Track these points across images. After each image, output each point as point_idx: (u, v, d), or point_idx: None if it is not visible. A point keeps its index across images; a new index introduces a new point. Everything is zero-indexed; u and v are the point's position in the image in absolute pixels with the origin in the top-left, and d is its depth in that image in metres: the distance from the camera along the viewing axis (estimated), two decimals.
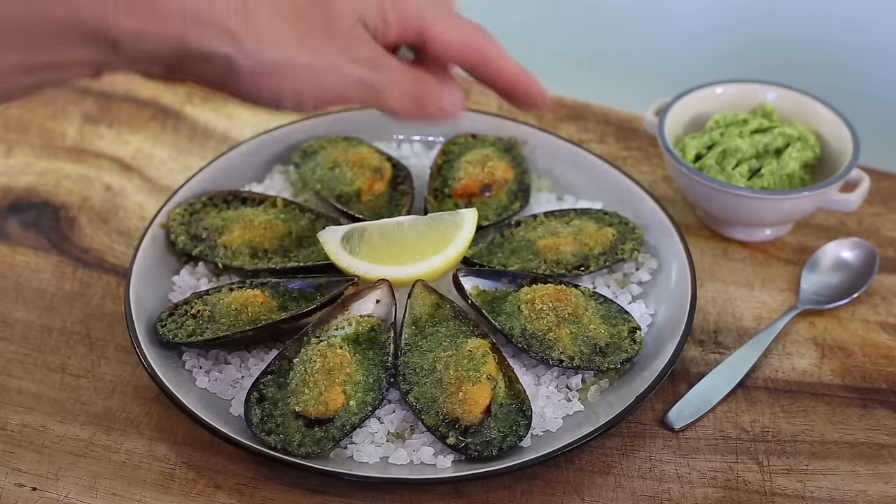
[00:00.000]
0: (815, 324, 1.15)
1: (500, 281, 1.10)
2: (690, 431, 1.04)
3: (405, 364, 1.02)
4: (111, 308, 1.14)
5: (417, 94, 0.87)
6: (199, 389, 1.03)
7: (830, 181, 1.17)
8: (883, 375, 1.10)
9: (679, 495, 0.99)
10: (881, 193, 1.29)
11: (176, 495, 0.97)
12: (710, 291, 1.18)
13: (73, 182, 1.29)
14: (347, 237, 1.10)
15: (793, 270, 1.20)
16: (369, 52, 0.84)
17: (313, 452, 0.96)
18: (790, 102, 1.27)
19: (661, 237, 1.16)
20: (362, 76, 0.83)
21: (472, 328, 1.04)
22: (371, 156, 1.21)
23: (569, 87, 1.45)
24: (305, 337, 1.03)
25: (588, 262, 1.12)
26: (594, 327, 1.05)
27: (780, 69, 1.46)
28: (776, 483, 1.00)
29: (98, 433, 1.02)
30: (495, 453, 0.96)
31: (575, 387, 1.04)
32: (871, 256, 1.19)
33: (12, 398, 1.05)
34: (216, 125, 1.37)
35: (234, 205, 1.18)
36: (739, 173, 1.19)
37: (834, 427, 1.05)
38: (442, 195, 1.20)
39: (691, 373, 1.09)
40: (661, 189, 1.29)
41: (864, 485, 1.00)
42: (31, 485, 0.98)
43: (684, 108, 1.26)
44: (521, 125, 1.27)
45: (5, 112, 1.38)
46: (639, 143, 1.35)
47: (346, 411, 0.98)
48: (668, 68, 1.60)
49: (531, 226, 1.16)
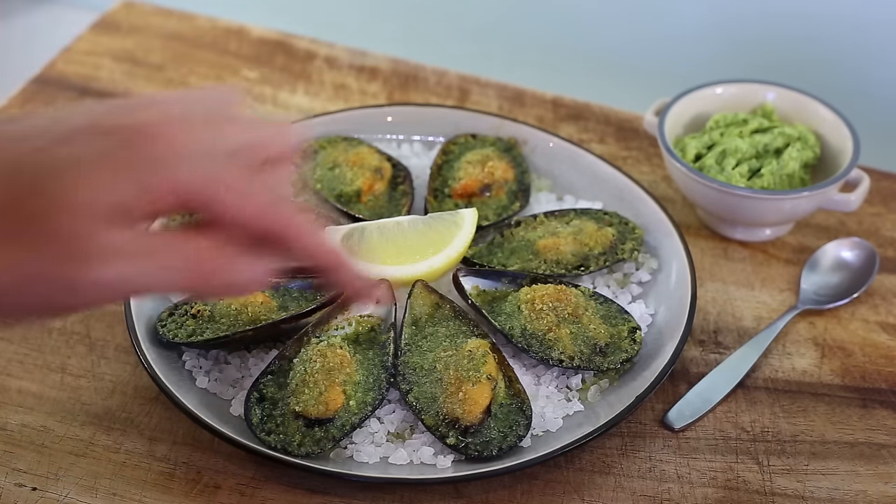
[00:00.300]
0: (815, 324, 1.15)
1: (500, 281, 1.10)
2: (690, 431, 1.04)
3: (405, 364, 1.02)
4: (111, 308, 1.14)
5: (199, 270, 0.71)
6: (199, 389, 1.03)
7: (830, 181, 1.17)
8: (883, 375, 1.10)
9: (679, 495, 0.99)
10: (881, 193, 1.29)
11: (176, 495, 0.97)
12: (710, 291, 1.18)
13: None
14: (347, 237, 1.10)
15: (793, 270, 1.20)
16: (118, 242, 0.68)
17: (313, 452, 0.96)
18: (790, 102, 1.27)
19: (661, 237, 1.16)
20: (110, 276, 0.67)
21: (472, 328, 1.04)
22: (371, 156, 1.21)
23: (569, 87, 1.45)
24: (305, 337, 1.03)
25: (588, 262, 1.12)
26: (594, 327, 1.05)
27: (781, 69, 1.46)
28: (776, 483, 1.00)
29: (98, 433, 1.02)
30: (495, 453, 0.96)
31: (575, 387, 1.04)
32: (871, 256, 1.19)
33: (12, 398, 1.05)
34: None
35: None
36: (739, 173, 1.19)
37: (834, 427, 1.05)
38: (442, 195, 1.20)
39: (691, 373, 1.09)
40: (661, 189, 1.29)
41: (864, 485, 1.00)
42: (31, 485, 0.98)
43: (684, 108, 1.26)
44: (521, 125, 1.27)
45: (5, 112, 1.38)
46: (639, 143, 1.35)
47: (346, 411, 0.98)
48: (668, 68, 1.60)
49: (531, 226, 1.16)
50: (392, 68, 1.46)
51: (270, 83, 1.44)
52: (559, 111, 1.40)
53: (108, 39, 1.51)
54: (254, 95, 1.42)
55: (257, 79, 1.45)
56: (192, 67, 1.46)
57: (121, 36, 1.52)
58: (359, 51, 1.49)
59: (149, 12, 1.56)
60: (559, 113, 1.40)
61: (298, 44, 1.50)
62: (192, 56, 1.48)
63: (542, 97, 1.42)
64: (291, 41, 1.51)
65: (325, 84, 1.44)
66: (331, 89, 1.43)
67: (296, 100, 1.42)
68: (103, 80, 1.44)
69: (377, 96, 1.42)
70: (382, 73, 1.46)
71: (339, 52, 1.49)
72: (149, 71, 1.46)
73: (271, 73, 1.46)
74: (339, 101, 1.41)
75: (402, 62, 1.47)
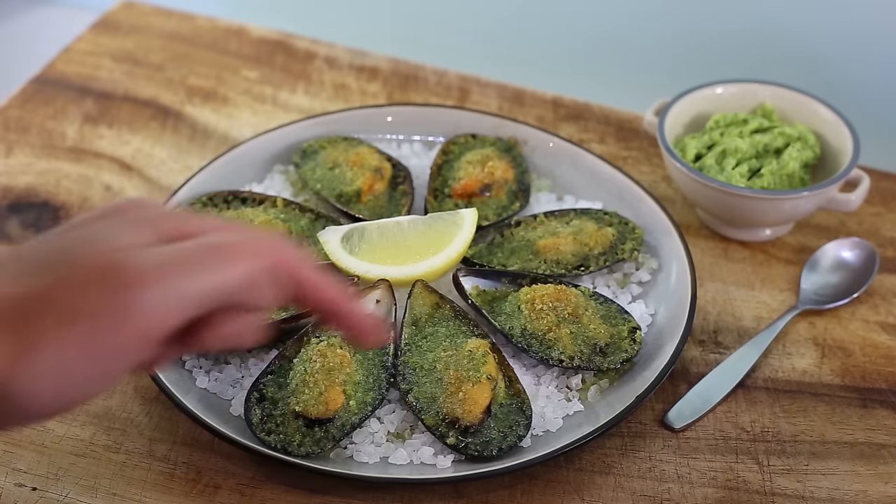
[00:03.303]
0: (815, 324, 1.15)
1: (500, 281, 1.10)
2: (690, 431, 1.04)
3: (405, 364, 1.02)
4: None
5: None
6: (199, 389, 1.03)
7: (830, 181, 1.17)
8: (883, 375, 1.10)
9: (679, 495, 0.99)
10: (881, 193, 1.29)
11: (176, 495, 0.97)
12: (710, 291, 1.18)
13: (73, 182, 1.29)
14: (347, 237, 1.10)
15: (793, 270, 1.20)
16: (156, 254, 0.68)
17: (313, 452, 0.96)
18: (790, 102, 1.27)
19: (661, 237, 1.16)
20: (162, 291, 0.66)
21: (472, 328, 1.04)
22: (371, 156, 1.21)
23: (569, 87, 1.45)
24: (305, 337, 1.03)
25: (588, 262, 1.12)
26: (594, 327, 1.05)
27: (781, 69, 1.46)
28: (776, 483, 1.00)
29: (98, 433, 1.02)
30: (495, 453, 0.96)
31: (575, 387, 1.04)
32: (871, 256, 1.19)
33: None
34: (216, 125, 1.37)
35: (234, 205, 1.18)
36: (739, 173, 1.19)
37: (834, 427, 1.05)
38: (442, 195, 1.20)
39: (691, 373, 1.09)
40: (661, 189, 1.29)
41: (864, 485, 1.00)
42: (31, 485, 0.98)
43: (684, 108, 1.26)
44: (521, 125, 1.27)
45: (5, 112, 1.38)
46: (639, 143, 1.35)
47: (346, 411, 0.98)
48: (668, 68, 1.59)
49: (531, 226, 1.16)
50: (392, 68, 1.46)
51: (270, 83, 1.44)
52: (559, 111, 1.40)
53: (107, 39, 1.51)
54: (254, 95, 1.42)
55: (257, 79, 1.45)
56: (192, 67, 1.46)
57: (121, 36, 1.52)
58: (359, 51, 1.49)
59: (149, 12, 1.56)
60: (559, 113, 1.40)
61: (298, 44, 1.50)
62: (192, 56, 1.48)
63: (542, 97, 1.42)
64: (291, 41, 1.51)
65: (325, 84, 1.44)
66: (331, 89, 1.43)
67: (296, 100, 1.42)
68: (103, 80, 1.44)
69: (377, 96, 1.42)
70: (382, 73, 1.46)
71: (339, 52, 1.49)
72: (149, 71, 1.46)
73: (271, 73, 1.46)
74: (339, 101, 1.41)
75: (402, 62, 1.47)
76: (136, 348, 0.66)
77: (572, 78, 1.57)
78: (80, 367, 0.64)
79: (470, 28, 1.69)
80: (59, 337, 0.63)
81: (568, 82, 1.49)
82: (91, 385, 0.66)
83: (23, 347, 0.63)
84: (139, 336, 0.65)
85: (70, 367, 0.64)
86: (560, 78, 1.52)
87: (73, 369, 0.64)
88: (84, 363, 0.64)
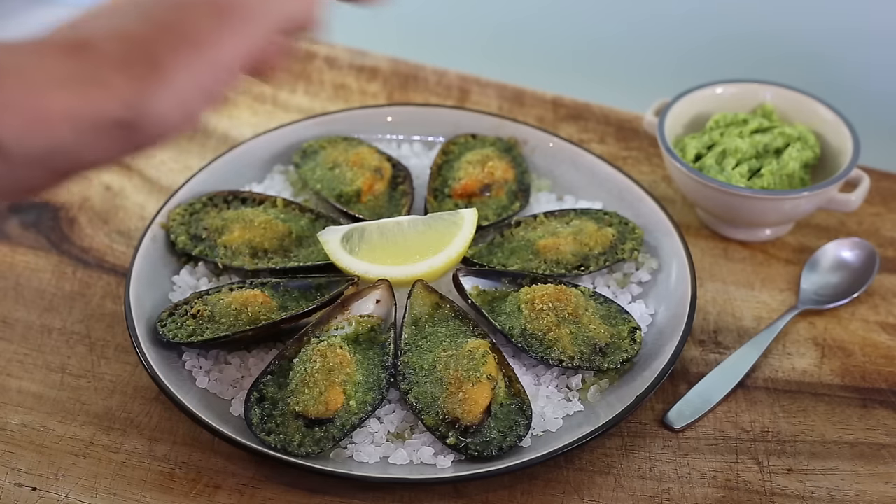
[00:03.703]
0: (815, 324, 1.15)
1: (500, 281, 1.10)
2: (690, 431, 1.04)
3: (405, 364, 1.02)
4: (111, 308, 1.14)
5: None
6: (199, 389, 1.03)
7: (830, 181, 1.17)
8: (883, 375, 1.10)
9: (679, 495, 0.99)
10: (881, 193, 1.29)
11: (176, 495, 0.97)
12: (710, 291, 1.18)
13: (73, 182, 1.29)
14: (347, 237, 1.10)
15: (793, 270, 1.20)
16: None
17: (313, 452, 0.96)
18: (790, 102, 1.27)
19: (661, 237, 1.16)
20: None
21: (472, 328, 1.04)
22: (371, 156, 1.21)
23: (569, 87, 1.45)
24: (305, 337, 1.03)
25: (588, 262, 1.12)
26: (594, 327, 1.05)
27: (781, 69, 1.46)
28: (776, 483, 1.00)
29: (98, 433, 1.02)
30: (495, 453, 0.96)
31: (575, 387, 1.04)
32: (871, 256, 1.19)
33: (12, 398, 1.05)
34: (216, 125, 1.37)
35: (234, 205, 1.18)
36: (739, 173, 1.19)
37: (834, 427, 1.05)
38: (442, 195, 1.20)
39: (691, 373, 1.09)
40: (661, 189, 1.29)
41: (864, 485, 1.00)
42: (31, 485, 0.98)
43: (684, 108, 1.26)
44: (521, 125, 1.27)
45: None
46: (639, 143, 1.35)
47: (346, 411, 0.98)
48: (668, 68, 1.59)
49: (531, 226, 1.16)
50: (392, 68, 1.46)
51: (270, 83, 1.44)
52: (559, 111, 1.40)
53: None
54: (254, 95, 1.42)
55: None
56: None
57: None
58: (359, 51, 1.49)
59: None
60: (559, 113, 1.40)
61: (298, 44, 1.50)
62: None
63: (542, 97, 1.42)
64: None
65: (325, 84, 1.44)
66: (331, 89, 1.43)
67: (296, 100, 1.42)
68: None
69: (377, 96, 1.42)
70: (382, 73, 1.46)
71: (339, 52, 1.49)
72: None
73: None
74: (339, 101, 1.41)
75: (402, 62, 1.47)
76: (239, 68, 0.79)
77: (572, 78, 1.57)
78: (202, 86, 0.76)
79: (470, 28, 1.69)
80: (188, 64, 0.74)
81: (568, 82, 1.48)
82: (207, 103, 0.78)
83: (156, 75, 0.73)
84: (244, 57, 0.79)
85: (194, 88, 0.75)
86: (560, 78, 1.52)
87: (196, 90, 0.76)
88: (205, 83, 0.76)
